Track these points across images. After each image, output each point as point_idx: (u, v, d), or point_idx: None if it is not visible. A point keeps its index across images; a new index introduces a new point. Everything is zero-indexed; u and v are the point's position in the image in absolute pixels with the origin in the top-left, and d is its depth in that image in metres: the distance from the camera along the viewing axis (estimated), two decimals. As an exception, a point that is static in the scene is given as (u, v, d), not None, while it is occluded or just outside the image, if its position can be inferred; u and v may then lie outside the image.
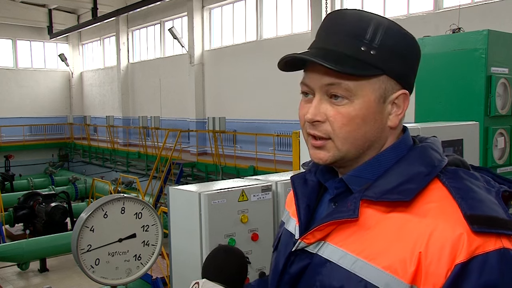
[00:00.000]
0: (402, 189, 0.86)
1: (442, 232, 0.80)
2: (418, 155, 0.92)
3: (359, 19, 0.92)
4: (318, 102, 0.92)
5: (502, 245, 0.79)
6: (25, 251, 9.70)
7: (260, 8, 14.89)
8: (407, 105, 0.95)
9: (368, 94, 0.90)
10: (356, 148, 0.92)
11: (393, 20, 0.94)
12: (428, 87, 3.96)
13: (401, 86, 0.93)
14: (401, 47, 0.92)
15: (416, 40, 0.96)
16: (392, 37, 0.91)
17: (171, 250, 2.29)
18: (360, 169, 0.94)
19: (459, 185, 0.85)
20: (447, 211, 0.82)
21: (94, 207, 2.53)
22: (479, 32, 3.74)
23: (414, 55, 0.96)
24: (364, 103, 0.90)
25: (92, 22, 19.71)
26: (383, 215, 0.87)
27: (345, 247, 0.88)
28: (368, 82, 0.90)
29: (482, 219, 0.79)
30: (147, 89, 20.34)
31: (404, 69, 0.93)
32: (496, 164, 3.80)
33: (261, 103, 14.51)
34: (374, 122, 0.91)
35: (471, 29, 4.04)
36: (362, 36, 0.90)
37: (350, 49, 0.90)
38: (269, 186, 2.23)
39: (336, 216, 0.90)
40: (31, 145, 22.23)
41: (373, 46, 0.90)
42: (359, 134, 0.91)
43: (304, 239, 0.94)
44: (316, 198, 1.03)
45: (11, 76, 23.82)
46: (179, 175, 14.14)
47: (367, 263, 0.85)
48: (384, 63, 0.90)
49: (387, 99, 0.92)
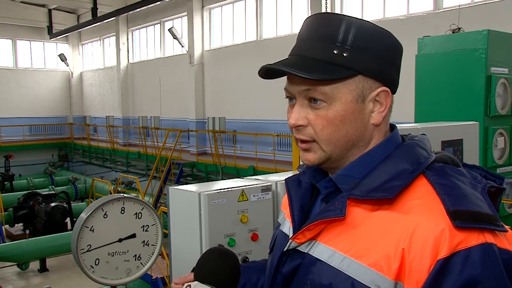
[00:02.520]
0: (387, 187, 0.87)
1: (425, 228, 0.80)
2: (404, 153, 0.92)
3: (329, 22, 0.93)
4: (300, 107, 0.95)
5: (485, 240, 0.79)
6: (25, 251, 9.70)
7: (260, 8, 14.89)
8: (389, 102, 0.95)
9: (344, 95, 0.91)
10: (339, 148, 0.94)
11: (367, 20, 0.94)
12: (428, 87, 3.96)
13: (381, 83, 0.94)
14: (375, 45, 0.92)
15: (392, 35, 0.95)
16: (364, 36, 0.91)
17: (171, 250, 2.29)
18: (348, 168, 0.95)
19: (443, 182, 0.86)
20: (430, 207, 0.83)
21: (94, 207, 2.53)
22: (479, 32, 3.74)
23: (391, 51, 0.95)
24: (341, 105, 0.92)
25: (92, 22, 19.71)
26: (369, 213, 0.88)
27: (334, 246, 0.90)
28: (343, 84, 0.91)
29: (465, 215, 0.80)
30: (147, 89, 20.34)
31: (381, 66, 0.93)
32: (496, 164, 3.80)
33: (261, 103, 14.51)
34: (354, 121, 0.93)
35: (471, 29, 4.04)
36: (334, 39, 0.91)
37: (323, 53, 0.92)
38: (269, 186, 2.23)
39: (324, 215, 0.91)
40: (31, 145, 22.23)
41: (345, 47, 0.91)
42: (340, 135, 0.93)
43: (295, 238, 0.95)
44: (310, 200, 1.04)
45: (11, 76, 23.82)
46: (179, 175, 14.14)
47: (354, 261, 0.86)
48: (357, 63, 0.91)
49: (366, 98, 0.93)
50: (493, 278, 0.78)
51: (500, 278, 0.78)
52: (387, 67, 0.94)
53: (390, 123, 1.00)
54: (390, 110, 0.97)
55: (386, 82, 0.94)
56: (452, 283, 0.77)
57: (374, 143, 0.96)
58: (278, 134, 13.42)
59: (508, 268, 0.80)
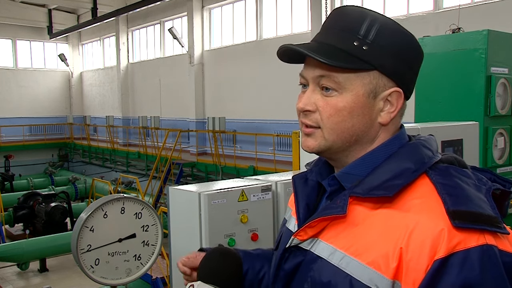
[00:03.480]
0: (388, 185, 0.86)
1: (423, 228, 0.80)
2: (408, 152, 0.92)
3: (356, 15, 0.94)
4: (311, 93, 0.95)
5: (485, 241, 0.78)
6: (25, 251, 9.70)
7: (260, 8, 14.89)
8: (401, 104, 0.94)
9: (357, 88, 0.92)
10: (342, 140, 0.94)
11: (393, 19, 0.95)
12: (428, 87, 3.95)
13: (395, 84, 0.93)
14: (395, 45, 0.92)
15: (416, 40, 0.96)
16: (386, 34, 0.92)
17: (171, 250, 2.29)
18: (352, 166, 0.95)
19: (446, 181, 0.85)
20: (431, 206, 0.82)
21: (94, 207, 2.53)
22: (479, 32, 3.73)
23: (411, 54, 0.95)
24: (352, 96, 0.92)
25: (92, 22, 19.70)
26: (371, 211, 0.88)
27: (335, 244, 0.90)
28: (357, 76, 0.91)
29: (465, 215, 0.78)
30: (147, 89, 20.33)
31: (398, 67, 0.93)
32: (496, 164, 3.80)
33: (261, 103, 14.51)
34: (362, 116, 0.93)
35: (471, 29, 4.04)
36: (356, 32, 0.92)
37: (344, 43, 0.92)
38: (269, 186, 2.23)
39: (326, 212, 0.91)
40: (31, 145, 22.23)
41: (366, 41, 0.91)
42: (345, 126, 0.93)
43: (297, 235, 0.96)
44: (316, 197, 1.04)
45: (11, 76, 23.82)
46: (179, 175, 14.13)
47: (353, 259, 0.86)
48: (375, 58, 0.91)
49: (378, 95, 0.93)
50: (492, 281, 0.76)
51: (499, 281, 0.76)
52: (404, 68, 0.94)
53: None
54: (402, 113, 0.96)
55: (401, 84, 0.94)
56: (449, 284, 0.76)
57: (379, 143, 0.95)
58: (278, 134, 13.41)
59: (509, 271, 0.78)
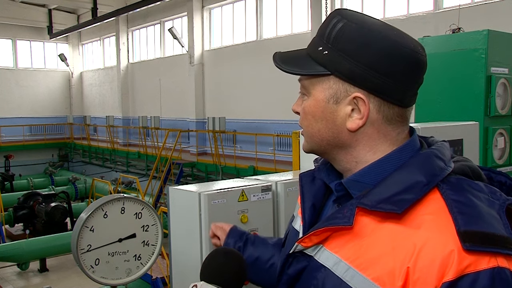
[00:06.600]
0: (397, 199, 0.82)
1: (432, 248, 0.77)
2: (420, 163, 0.87)
3: (329, 18, 0.94)
4: (300, 97, 1.00)
5: (497, 263, 0.75)
6: (25, 251, 9.70)
7: (260, 8, 14.89)
8: (367, 110, 0.89)
9: (317, 92, 0.93)
10: (316, 143, 0.97)
11: (378, 21, 0.91)
12: (428, 87, 3.95)
13: (359, 88, 0.89)
14: (358, 48, 0.87)
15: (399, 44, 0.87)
16: (347, 37, 0.88)
17: (171, 250, 2.29)
18: (360, 174, 0.92)
19: (458, 198, 0.81)
20: (441, 225, 0.79)
21: (94, 207, 2.53)
22: (479, 32, 3.73)
23: (383, 59, 0.87)
24: (313, 101, 0.94)
25: (92, 22, 19.70)
26: (378, 224, 0.85)
27: (340, 254, 0.88)
28: (318, 81, 0.93)
29: (477, 236, 0.75)
30: (147, 89, 20.34)
31: (359, 71, 0.87)
32: (496, 164, 3.80)
33: (261, 103, 14.51)
34: (325, 121, 0.93)
35: (471, 29, 4.04)
36: (323, 36, 0.93)
37: (311, 49, 0.95)
38: (269, 186, 2.23)
39: (332, 222, 0.88)
40: (31, 145, 22.23)
41: (328, 46, 0.91)
42: (313, 130, 0.96)
43: (301, 242, 0.94)
44: (322, 198, 1.03)
45: (11, 76, 23.82)
46: (179, 175, 14.14)
47: (358, 273, 0.83)
48: (331, 63, 0.90)
49: (340, 101, 0.91)
50: None
51: None
52: (368, 73, 0.87)
53: (410, 126, 0.95)
54: (389, 119, 0.90)
55: (366, 89, 0.88)
56: None
57: (369, 149, 0.92)
58: (278, 134, 13.41)
59: None
